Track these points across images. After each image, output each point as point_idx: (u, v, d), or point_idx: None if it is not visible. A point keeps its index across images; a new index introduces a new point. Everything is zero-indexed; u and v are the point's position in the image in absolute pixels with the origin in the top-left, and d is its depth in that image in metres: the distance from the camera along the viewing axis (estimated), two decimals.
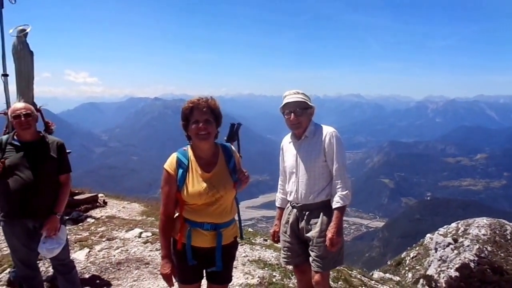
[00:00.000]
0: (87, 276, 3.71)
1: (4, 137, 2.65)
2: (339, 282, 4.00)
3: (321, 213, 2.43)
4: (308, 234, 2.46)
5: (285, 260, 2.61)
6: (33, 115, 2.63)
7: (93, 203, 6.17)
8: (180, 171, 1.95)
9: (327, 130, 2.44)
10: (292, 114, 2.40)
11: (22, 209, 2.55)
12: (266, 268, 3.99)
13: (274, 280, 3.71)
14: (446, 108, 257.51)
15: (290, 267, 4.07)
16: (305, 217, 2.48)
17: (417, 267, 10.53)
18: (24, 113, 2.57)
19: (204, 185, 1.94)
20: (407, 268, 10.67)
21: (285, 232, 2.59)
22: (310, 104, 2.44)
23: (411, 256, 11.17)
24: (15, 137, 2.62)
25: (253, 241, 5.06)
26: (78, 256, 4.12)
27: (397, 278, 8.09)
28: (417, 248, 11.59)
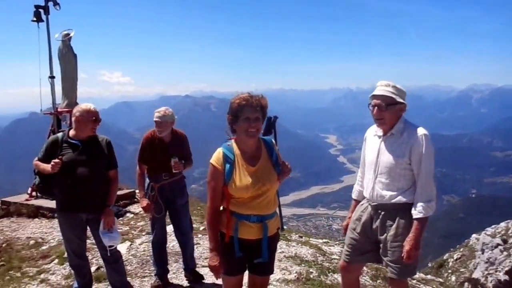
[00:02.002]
0: (129, 267, 3.91)
1: (59, 135, 2.84)
2: (378, 280, 3.87)
3: (398, 216, 2.28)
4: (381, 237, 2.33)
5: (347, 256, 2.48)
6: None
7: (131, 198, 6.38)
8: (227, 166, 1.99)
9: (419, 132, 2.23)
10: (376, 108, 2.24)
11: (77, 203, 2.75)
12: (303, 265, 3.96)
13: (311, 276, 3.67)
14: (492, 97, 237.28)
15: (327, 264, 3.99)
16: (380, 217, 2.33)
17: (461, 270, 9.89)
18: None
19: (250, 179, 1.98)
20: (450, 271, 10.05)
21: (354, 229, 2.47)
22: (399, 100, 2.22)
23: (455, 258, 10.52)
24: (70, 135, 2.80)
25: (288, 237, 5.03)
26: (120, 249, 4.33)
27: (440, 280, 7.66)
28: (461, 250, 10.89)
